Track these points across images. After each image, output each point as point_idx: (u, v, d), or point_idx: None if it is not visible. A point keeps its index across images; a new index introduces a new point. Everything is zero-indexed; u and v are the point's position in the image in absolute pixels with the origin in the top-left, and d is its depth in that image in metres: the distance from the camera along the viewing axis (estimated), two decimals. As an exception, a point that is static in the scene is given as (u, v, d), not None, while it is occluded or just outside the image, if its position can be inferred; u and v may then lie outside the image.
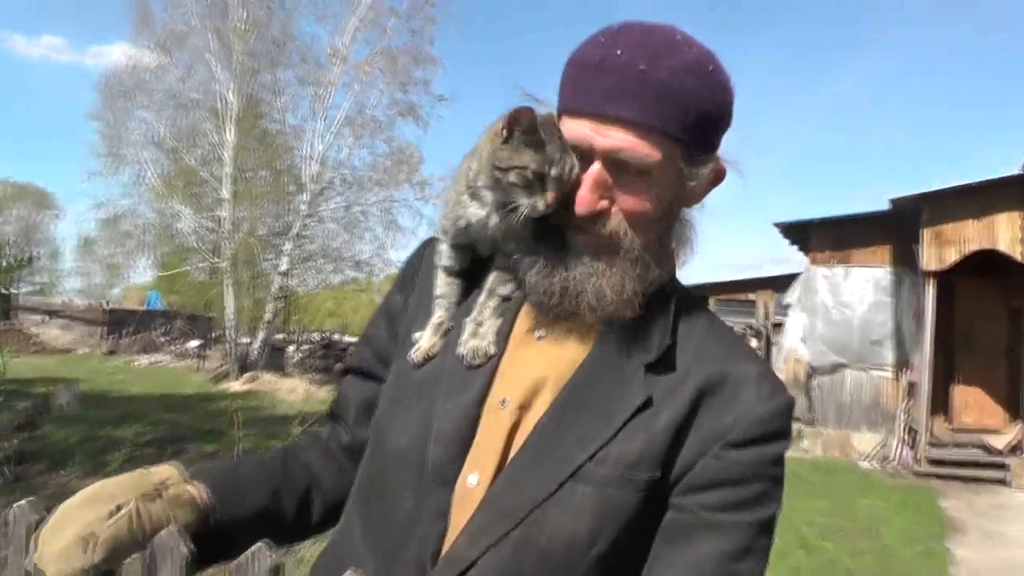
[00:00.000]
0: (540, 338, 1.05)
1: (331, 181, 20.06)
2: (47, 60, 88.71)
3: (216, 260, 19.84)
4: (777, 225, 13.89)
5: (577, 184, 0.97)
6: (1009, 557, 7.61)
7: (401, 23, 19.56)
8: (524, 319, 1.07)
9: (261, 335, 20.14)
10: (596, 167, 0.96)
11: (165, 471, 1.03)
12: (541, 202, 0.97)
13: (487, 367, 1.03)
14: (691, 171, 0.99)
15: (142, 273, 24.58)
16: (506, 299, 1.09)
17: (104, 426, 10.39)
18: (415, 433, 1.02)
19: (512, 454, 0.97)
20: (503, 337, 1.06)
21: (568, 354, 1.02)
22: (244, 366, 18.86)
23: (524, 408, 0.99)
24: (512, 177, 0.97)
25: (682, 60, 0.94)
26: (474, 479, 0.97)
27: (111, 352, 24.82)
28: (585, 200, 0.96)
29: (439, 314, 1.12)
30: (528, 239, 1.04)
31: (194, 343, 24.45)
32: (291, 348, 23.26)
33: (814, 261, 13.69)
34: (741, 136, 1.05)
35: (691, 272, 1.09)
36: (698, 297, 1.12)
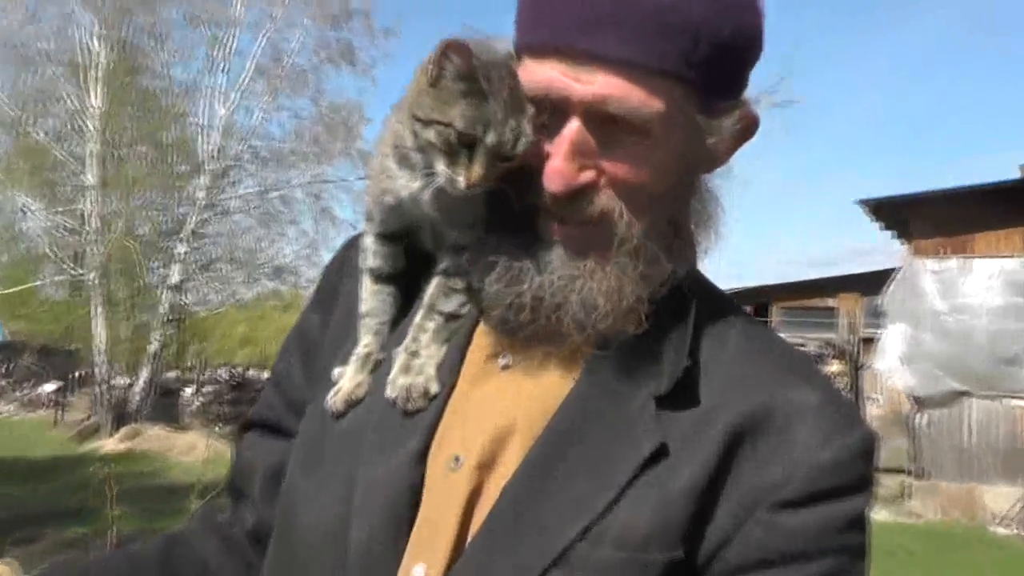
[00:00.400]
0: (506, 367, 1.04)
1: (239, 157, 20.47)
2: None
3: (79, 271, 19.94)
4: (863, 203, 14.06)
5: (541, 154, 0.95)
6: None
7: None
8: (482, 341, 1.07)
9: (145, 374, 20.35)
10: (574, 125, 0.94)
11: None
12: (462, 177, 0.95)
13: (429, 412, 1.03)
14: (709, 123, 0.97)
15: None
16: (453, 316, 1.09)
17: (-84, 505, 10.42)
18: (334, 508, 1.01)
19: (473, 533, 0.95)
20: (452, 369, 1.06)
21: (546, 388, 1.01)
22: (121, 417, 19.02)
23: (486, 468, 0.98)
24: (431, 135, 0.96)
25: None
26: (420, 571, 0.95)
27: (-70, 402, 24.78)
28: (559, 171, 0.94)
29: (365, 341, 1.13)
30: (481, 228, 1.03)
31: (49, 387, 24.33)
32: (188, 391, 23.73)
33: (918, 251, 13.85)
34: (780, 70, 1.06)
35: (742, 270, 1.08)
36: (728, 298, 1.13)
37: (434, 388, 1.02)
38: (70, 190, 20.00)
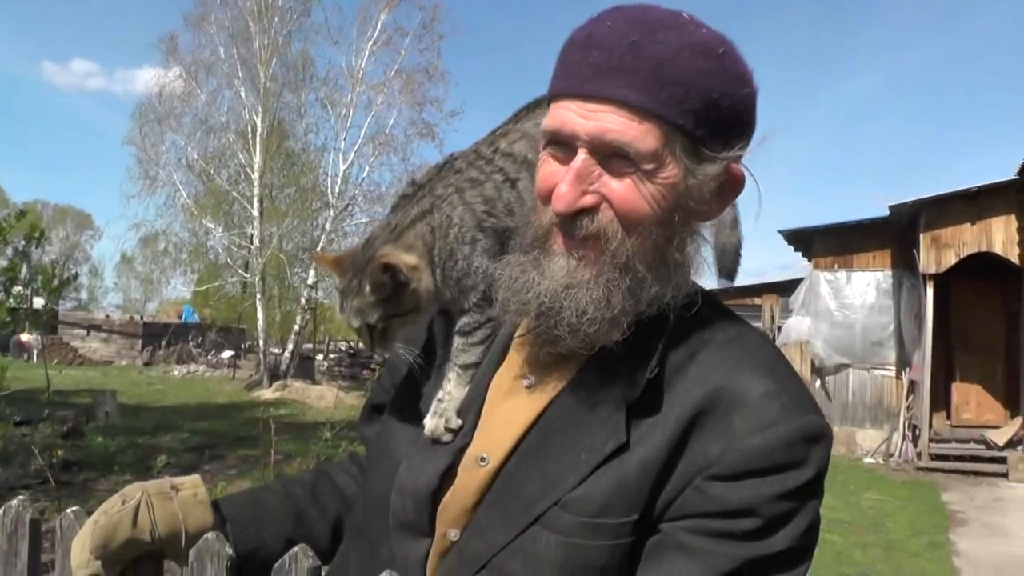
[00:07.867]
0: (529, 387, 0.92)
1: (354, 198, 20.12)
2: (79, 85, 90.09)
3: (247, 275, 20.00)
4: (781, 232, 13.85)
5: (553, 179, 0.84)
6: (1008, 548, 7.60)
7: (412, 42, 19.63)
8: (512, 363, 0.95)
9: (291, 345, 20.19)
10: (580, 157, 0.81)
11: (185, 478, 1.02)
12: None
13: (470, 420, 0.94)
14: (695, 167, 0.82)
15: (177, 288, 25.10)
16: (472, 366, 0.97)
17: (143, 434, 10.45)
18: (387, 482, 0.95)
19: None
20: (482, 389, 0.95)
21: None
22: (275, 375, 18.86)
23: (504, 465, 0.89)
24: None
25: (685, 38, 0.79)
26: (454, 534, 0.89)
27: (148, 364, 24.93)
28: (563, 196, 0.81)
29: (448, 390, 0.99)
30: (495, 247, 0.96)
31: (227, 354, 24.64)
32: (319, 357, 23.74)
33: (817, 266, 13.63)
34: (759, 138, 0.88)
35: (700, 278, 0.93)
36: (731, 314, 0.95)
37: (455, 423, 0.93)
38: (240, 219, 19.92)
